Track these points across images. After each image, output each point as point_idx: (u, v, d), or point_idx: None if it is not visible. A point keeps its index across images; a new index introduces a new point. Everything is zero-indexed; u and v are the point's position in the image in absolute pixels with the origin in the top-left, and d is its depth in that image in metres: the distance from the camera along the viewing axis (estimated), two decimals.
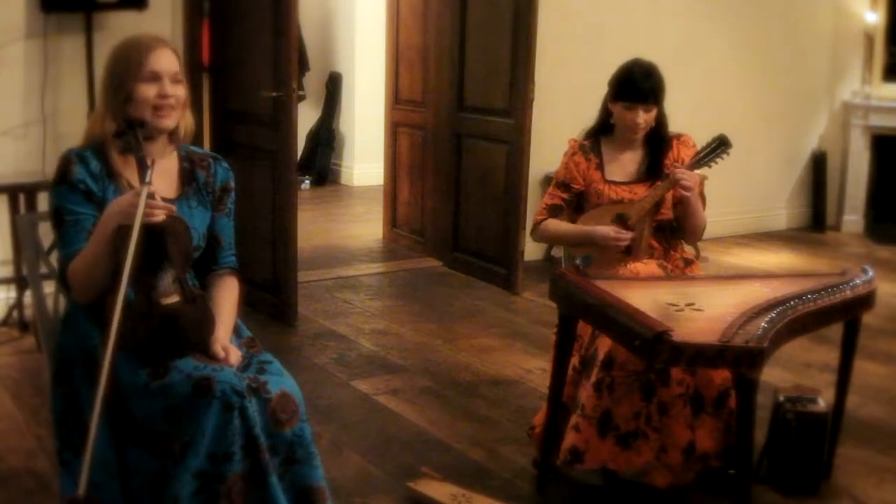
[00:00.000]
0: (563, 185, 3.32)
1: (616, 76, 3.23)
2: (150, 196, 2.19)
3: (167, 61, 2.39)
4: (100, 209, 2.32)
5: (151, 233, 2.22)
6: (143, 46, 2.39)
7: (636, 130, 3.22)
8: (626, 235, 3.15)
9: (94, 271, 2.26)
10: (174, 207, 2.32)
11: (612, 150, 3.30)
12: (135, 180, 2.38)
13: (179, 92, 2.41)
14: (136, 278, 2.21)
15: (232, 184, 2.58)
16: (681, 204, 3.17)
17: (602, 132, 3.32)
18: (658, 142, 3.27)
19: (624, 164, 3.29)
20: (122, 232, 2.18)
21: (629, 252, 3.19)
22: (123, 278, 2.10)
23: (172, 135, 2.47)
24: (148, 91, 2.36)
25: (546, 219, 3.32)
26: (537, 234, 3.39)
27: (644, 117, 3.18)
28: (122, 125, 2.32)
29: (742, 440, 2.52)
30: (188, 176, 2.50)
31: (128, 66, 2.37)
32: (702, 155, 3.16)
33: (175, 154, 2.51)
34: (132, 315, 2.20)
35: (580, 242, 3.26)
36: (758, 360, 2.40)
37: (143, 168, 2.24)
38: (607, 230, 3.16)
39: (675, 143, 3.29)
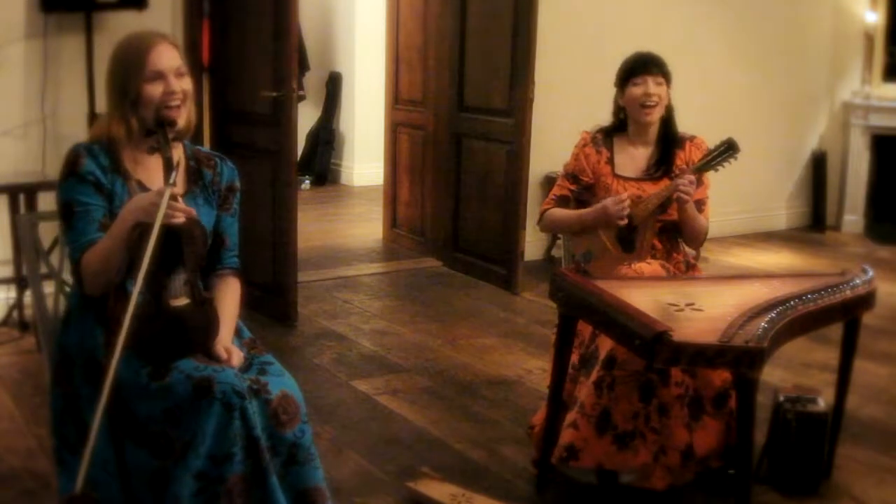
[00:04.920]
0: (572, 177, 3.32)
1: (621, 66, 3.25)
2: (173, 198, 2.18)
3: (168, 57, 2.37)
4: (109, 201, 2.33)
5: (170, 234, 2.21)
6: (142, 46, 2.36)
7: (650, 107, 3.18)
8: (624, 200, 3.10)
9: (108, 264, 2.26)
10: (195, 211, 2.32)
11: (624, 146, 3.29)
12: (145, 179, 2.39)
13: (185, 85, 2.39)
14: (149, 278, 2.20)
15: (237, 183, 2.58)
16: (679, 209, 3.17)
17: (616, 131, 3.32)
18: (669, 139, 3.27)
19: (635, 159, 3.28)
20: (141, 230, 2.18)
21: (631, 251, 3.18)
22: (139, 278, 2.09)
23: (178, 130, 2.46)
24: (154, 91, 2.34)
25: (552, 208, 3.33)
26: (542, 223, 3.40)
27: (655, 90, 3.17)
28: (153, 124, 2.31)
29: (742, 440, 2.52)
30: (195, 174, 2.50)
31: (130, 68, 2.35)
32: (709, 158, 3.15)
33: (181, 151, 2.50)
34: (139, 314, 2.19)
35: (583, 227, 3.25)
36: (758, 360, 2.41)
37: (168, 169, 2.22)
38: (605, 201, 3.14)
39: (687, 144, 3.28)
